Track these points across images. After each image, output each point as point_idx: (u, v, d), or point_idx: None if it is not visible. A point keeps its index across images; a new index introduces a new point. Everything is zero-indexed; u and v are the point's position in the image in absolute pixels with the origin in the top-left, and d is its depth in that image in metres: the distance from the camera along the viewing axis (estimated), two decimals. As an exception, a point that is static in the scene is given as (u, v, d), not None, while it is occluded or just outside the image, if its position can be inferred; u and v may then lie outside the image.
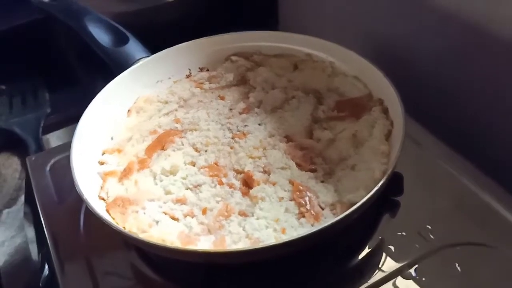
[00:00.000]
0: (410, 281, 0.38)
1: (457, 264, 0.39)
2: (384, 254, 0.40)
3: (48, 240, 0.45)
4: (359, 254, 0.41)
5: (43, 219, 0.47)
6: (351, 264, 0.40)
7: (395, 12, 0.57)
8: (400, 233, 0.42)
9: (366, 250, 0.41)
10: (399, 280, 0.39)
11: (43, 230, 0.46)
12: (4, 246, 0.58)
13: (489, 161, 0.46)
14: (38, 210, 0.48)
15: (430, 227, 0.42)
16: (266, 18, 0.76)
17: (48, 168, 0.51)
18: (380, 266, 0.40)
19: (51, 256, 0.44)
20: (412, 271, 0.39)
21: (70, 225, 0.46)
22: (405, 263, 0.40)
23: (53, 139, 0.69)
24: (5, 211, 0.62)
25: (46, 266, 0.46)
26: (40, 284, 0.46)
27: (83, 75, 0.75)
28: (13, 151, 0.67)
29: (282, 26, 0.75)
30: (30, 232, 0.53)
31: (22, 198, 0.58)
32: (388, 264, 0.40)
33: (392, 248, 0.41)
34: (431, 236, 0.41)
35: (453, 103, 0.54)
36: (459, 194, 0.45)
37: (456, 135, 0.49)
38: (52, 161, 0.52)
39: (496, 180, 0.46)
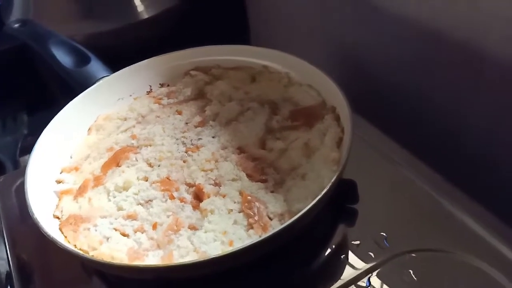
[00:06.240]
0: (363, 291, 0.38)
1: (411, 272, 0.38)
2: (338, 264, 0.40)
3: (9, 260, 0.46)
4: (312, 265, 0.40)
5: (6, 239, 0.47)
6: (304, 275, 0.40)
7: (358, 20, 0.58)
8: (355, 242, 0.41)
9: (320, 261, 0.40)
10: (353, 290, 0.38)
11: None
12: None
13: (448, 166, 0.46)
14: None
15: (385, 234, 0.41)
16: (237, 34, 0.77)
17: (14, 188, 0.52)
18: (334, 276, 0.39)
19: (13, 277, 0.44)
20: (365, 280, 0.38)
21: (32, 245, 0.46)
22: (359, 272, 0.39)
23: (31, 160, 0.70)
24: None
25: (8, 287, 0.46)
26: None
27: (61, 96, 0.77)
28: (-8, 173, 0.68)
29: (253, 41, 0.75)
30: (1, 251, 0.54)
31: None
32: (343, 275, 0.39)
33: (347, 257, 0.40)
34: (386, 244, 0.40)
35: (414, 108, 0.54)
36: (416, 200, 0.44)
37: (417, 141, 0.49)
38: (19, 181, 0.53)
39: (455, 185, 0.45)
